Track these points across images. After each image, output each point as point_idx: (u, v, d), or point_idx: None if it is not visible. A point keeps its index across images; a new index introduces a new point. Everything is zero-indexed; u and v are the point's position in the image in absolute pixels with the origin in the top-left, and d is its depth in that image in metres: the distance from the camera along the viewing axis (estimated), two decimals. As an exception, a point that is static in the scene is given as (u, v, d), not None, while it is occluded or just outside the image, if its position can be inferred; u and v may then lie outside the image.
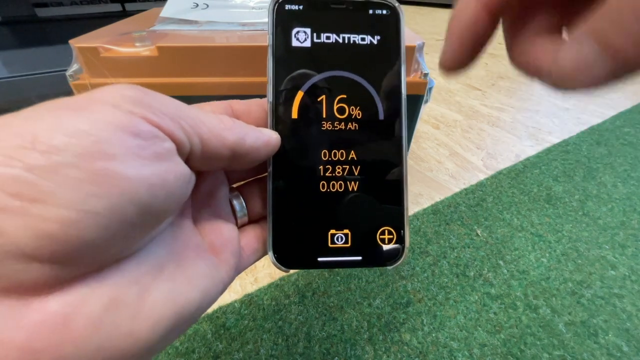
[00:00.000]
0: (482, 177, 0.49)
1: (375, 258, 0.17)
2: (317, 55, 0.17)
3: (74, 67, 0.28)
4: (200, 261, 0.14)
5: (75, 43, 0.27)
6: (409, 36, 0.31)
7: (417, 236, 0.39)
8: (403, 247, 0.17)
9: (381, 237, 0.17)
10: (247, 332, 0.29)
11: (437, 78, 0.85)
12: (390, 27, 0.17)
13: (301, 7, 0.17)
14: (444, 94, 0.77)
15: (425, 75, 0.30)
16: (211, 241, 0.15)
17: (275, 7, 0.16)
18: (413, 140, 0.37)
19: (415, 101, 0.32)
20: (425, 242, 0.38)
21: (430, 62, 0.30)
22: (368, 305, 0.31)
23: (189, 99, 0.31)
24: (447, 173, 0.50)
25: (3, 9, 0.69)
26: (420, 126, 0.63)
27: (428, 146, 0.57)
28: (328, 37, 0.17)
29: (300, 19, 0.17)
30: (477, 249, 0.37)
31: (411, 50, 0.29)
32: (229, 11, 0.36)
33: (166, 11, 0.35)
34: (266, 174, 0.17)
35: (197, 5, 0.36)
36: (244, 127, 0.14)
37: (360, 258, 0.17)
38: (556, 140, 0.58)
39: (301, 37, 0.17)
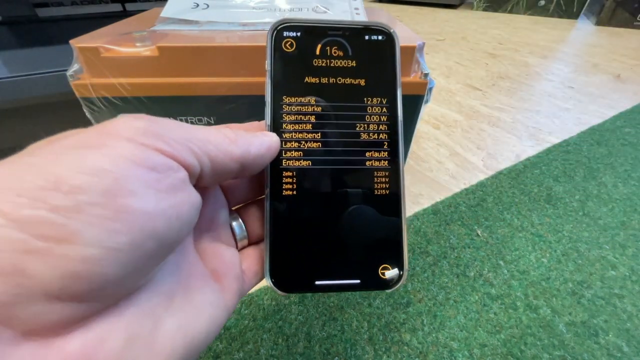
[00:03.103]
0: (482, 177, 0.49)
1: (374, 281, 0.17)
2: (315, 81, 0.17)
3: (75, 67, 0.28)
4: (206, 289, 0.14)
5: (76, 43, 0.27)
6: (409, 36, 0.31)
7: (417, 236, 0.39)
8: (402, 269, 0.17)
9: (379, 259, 0.17)
10: (247, 332, 0.29)
11: (437, 78, 0.85)
12: (386, 52, 0.18)
13: (299, 33, 0.17)
14: (444, 94, 0.77)
15: (426, 75, 0.30)
16: (213, 267, 0.15)
17: (274, 33, 0.17)
18: (413, 140, 0.37)
19: (416, 101, 0.32)
20: (425, 242, 0.38)
21: (430, 62, 0.30)
22: (368, 305, 0.31)
23: (189, 99, 0.31)
24: (448, 173, 0.50)
25: (3, 9, 0.69)
26: (420, 126, 0.63)
27: (428, 146, 0.57)
28: (326, 63, 0.17)
29: (298, 46, 0.17)
30: (478, 249, 0.37)
31: (411, 50, 0.29)
32: (230, 11, 0.36)
33: (166, 11, 0.35)
34: (264, 195, 0.17)
35: (198, 5, 0.36)
36: (247, 137, 0.14)
37: (358, 281, 0.17)
38: (556, 141, 0.58)
39: (299, 63, 0.17)
